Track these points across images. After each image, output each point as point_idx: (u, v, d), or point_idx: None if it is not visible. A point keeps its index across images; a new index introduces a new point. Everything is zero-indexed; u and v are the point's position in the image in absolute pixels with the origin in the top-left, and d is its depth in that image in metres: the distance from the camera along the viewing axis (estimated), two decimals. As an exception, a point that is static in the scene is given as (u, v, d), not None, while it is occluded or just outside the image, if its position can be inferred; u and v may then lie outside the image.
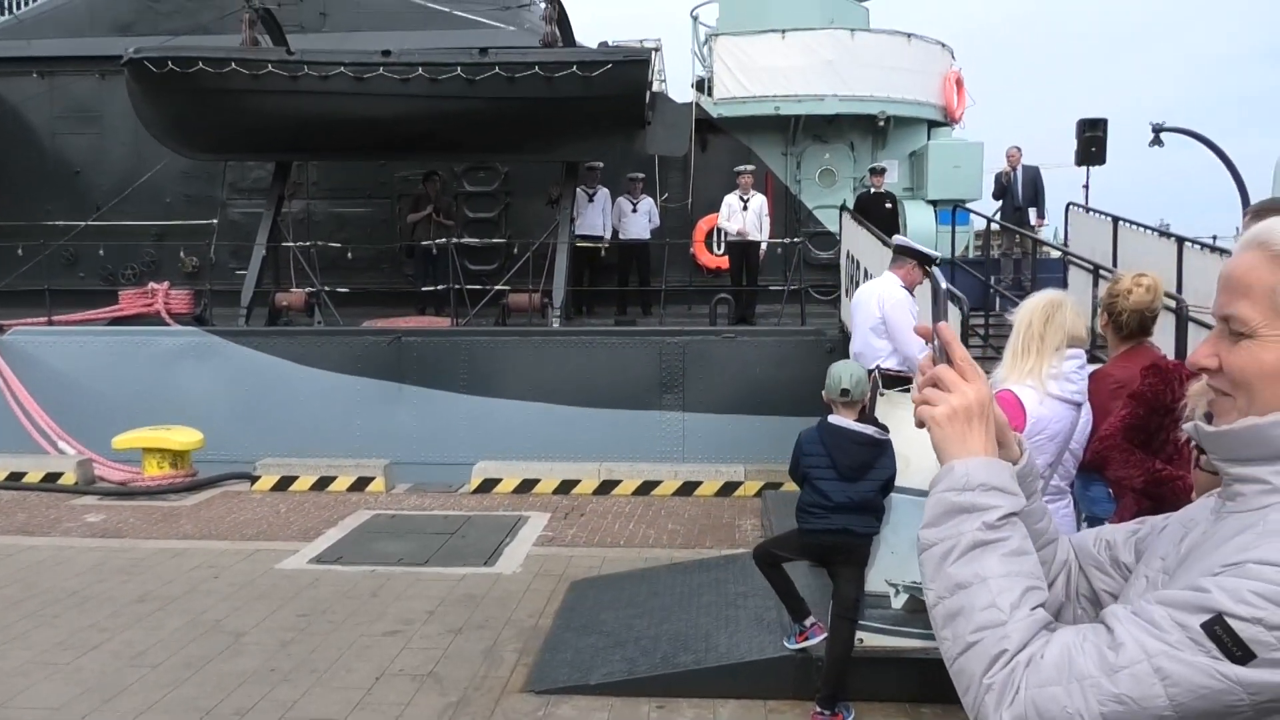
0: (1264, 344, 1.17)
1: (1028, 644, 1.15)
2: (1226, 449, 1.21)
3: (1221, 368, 1.22)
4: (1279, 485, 1.15)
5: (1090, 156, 16.27)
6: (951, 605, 1.22)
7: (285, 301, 13.93)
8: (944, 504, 1.28)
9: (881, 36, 15.33)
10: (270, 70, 12.53)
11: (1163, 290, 4.17)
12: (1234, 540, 1.13)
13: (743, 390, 12.32)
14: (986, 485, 1.27)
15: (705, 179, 14.87)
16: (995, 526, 1.25)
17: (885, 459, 4.81)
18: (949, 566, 1.24)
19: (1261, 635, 1.02)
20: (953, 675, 1.22)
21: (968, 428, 1.31)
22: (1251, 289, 1.17)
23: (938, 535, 1.27)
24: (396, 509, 9.82)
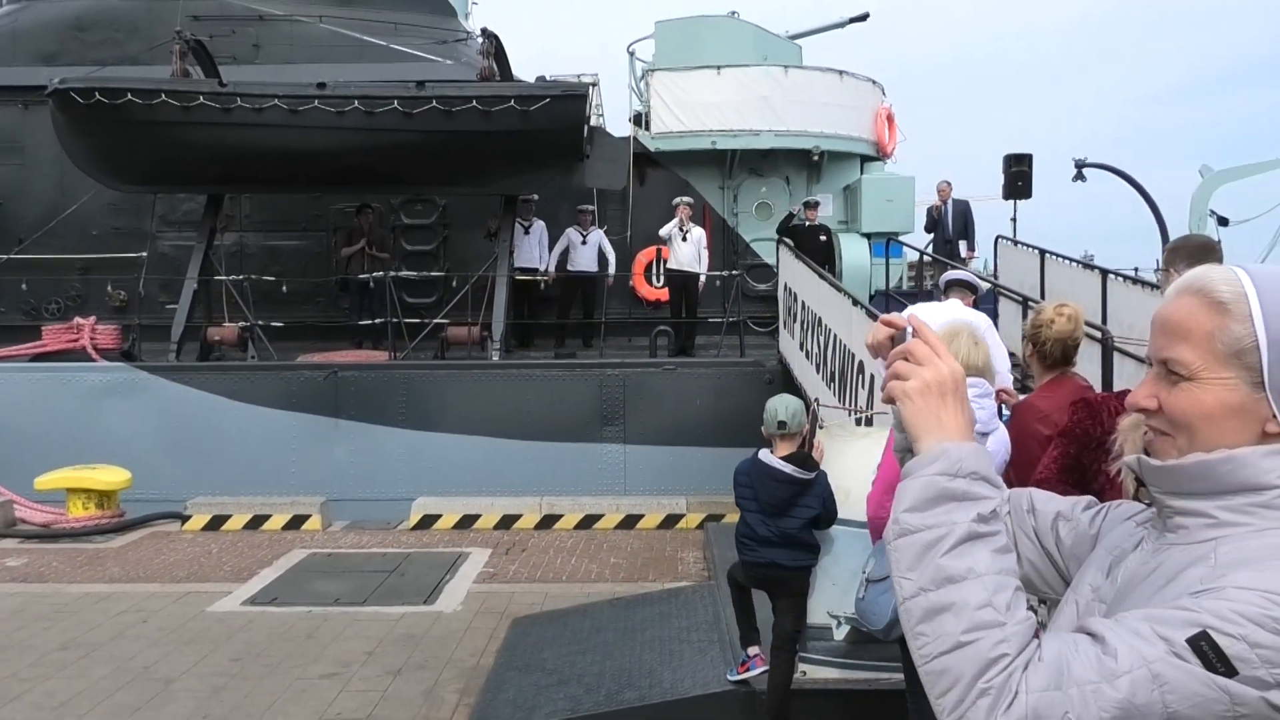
0: (1204, 386, 1.20)
1: (1025, 649, 1.13)
2: (1172, 483, 1.24)
3: (1161, 409, 1.25)
4: (1224, 520, 1.18)
5: (1017, 190, 16.74)
6: (937, 600, 1.16)
7: (217, 336, 13.65)
8: (935, 488, 1.22)
9: (814, 74, 15.66)
10: (202, 102, 12.36)
11: (1083, 319, 4.28)
12: (1189, 572, 1.16)
13: (683, 422, 12.37)
14: (978, 475, 1.23)
15: (644, 212, 14.97)
16: (988, 519, 1.21)
17: (809, 497, 4.84)
18: (939, 557, 1.18)
19: (1245, 652, 1.04)
20: (927, 673, 1.15)
21: (942, 404, 1.28)
22: (1191, 334, 1.21)
23: (924, 521, 1.20)
24: (333, 547, 9.63)
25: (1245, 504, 1.17)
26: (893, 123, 16.36)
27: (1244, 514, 1.17)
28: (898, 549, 1.22)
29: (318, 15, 15.20)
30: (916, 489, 1.23)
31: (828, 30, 17.88)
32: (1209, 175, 24.15)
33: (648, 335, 13.88)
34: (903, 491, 1.25)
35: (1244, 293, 1.19)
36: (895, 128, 16.43)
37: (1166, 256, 4.21)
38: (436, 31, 15.56)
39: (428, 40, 15.20)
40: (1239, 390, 1.19)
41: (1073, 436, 3.50)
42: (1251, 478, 1.17)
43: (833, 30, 17.91)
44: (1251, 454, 1.18)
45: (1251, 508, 1.17)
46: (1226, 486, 1.19)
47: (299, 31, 15.22)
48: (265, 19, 15.29)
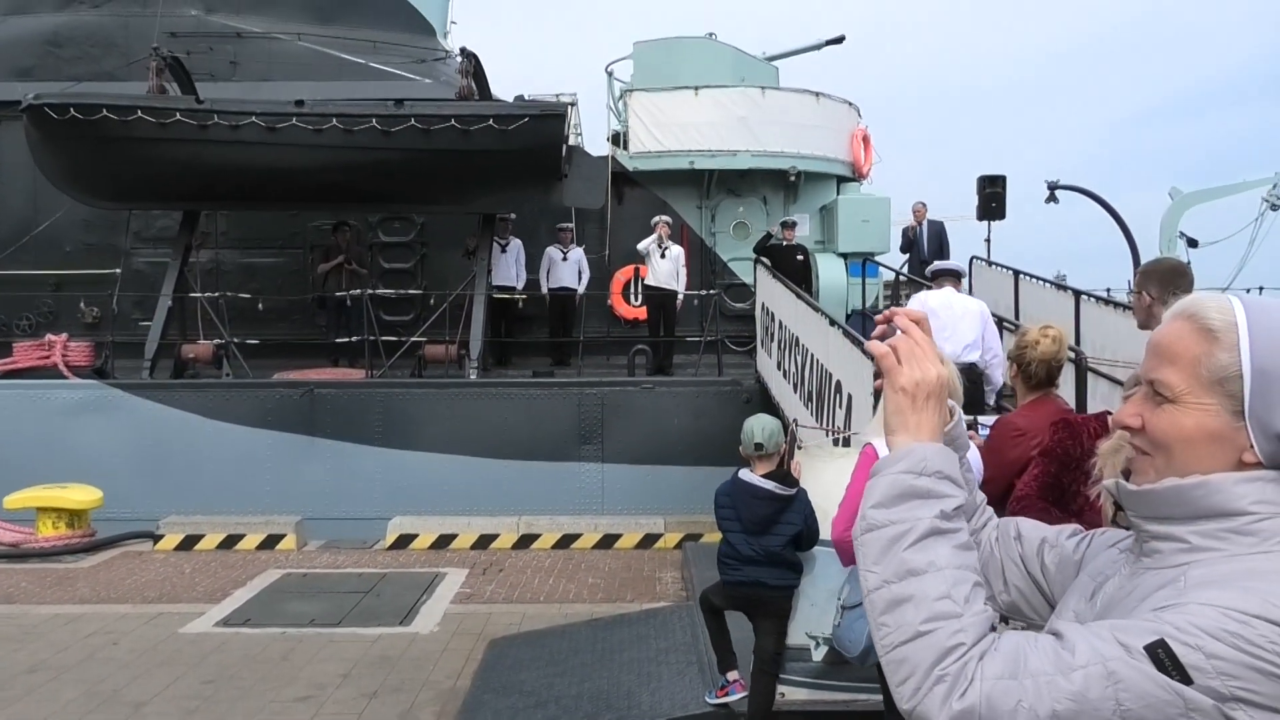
0: (1185, 410, 1.23)
1: (981, 640, 1.16)
2: (1147, 507, 1.26)
3: (1144, 428, 1.27)
4: (1197, 544, 1.20)
5: (991, 211, 16.93)
6: (899, 591, 1.20)
7: (192, 353, 13.54)
8: (900, 486, 1.26)
9: (791, 95, 15.79)
10: (178, 119, 12.29)
11: (1067, 341, 4.34)
12: (1157, 594, 1.19)
13: (661, 441, 12.37)
14: (943, 474, 1.28)
15: (622, 231, 15.01)
16: (950, 517, 1.25)
17: (791, 514, 4.86)
18: (901, 551, 1.22)
19: (1201, 662, 1.07)
20: (888, 662, 1.19)
21: (925, 404, 1.33)
22: (1178, 357, 1.24)
23: (889, 517, 1.25)
24: (308, 567, 9.55)
25: (1218, 529, 1.19)
26: (868, 144, 16.52)
27: (1216, 539, 1.19)
28: (864, 543, 1.26)
29: (296, 33, 15.18)
30: (884, 486, 1.28)
31: (804, 52, 18.04)
32: (1178, 197, 24.53)
33: (626, 354, 13.89)
34: (871, 488, 1.30)
35: (1234, 322, 1.21)
36: (871, 149, 16.59)
37: (1138, 279, 4.27)
38: (415, 50, 15.58)
39: (406, 59, 15.22)
40: (1219, 417, 1.21)
41: (1053, 456, 3.54)
42: (1224, 503, 1.19)
43: (809, 52, 18.07)
44: (1225, 479, 1.20)
45: (1223, 533, 1.19)
46: (1199, 511, 1.20)
47: (277, 49, 15.19)
48: (243, 36, 15.26)
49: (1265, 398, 1.18)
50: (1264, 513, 1.18)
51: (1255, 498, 1.18)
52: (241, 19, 15.43)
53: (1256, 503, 1.18)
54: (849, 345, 8.24)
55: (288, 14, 15.49)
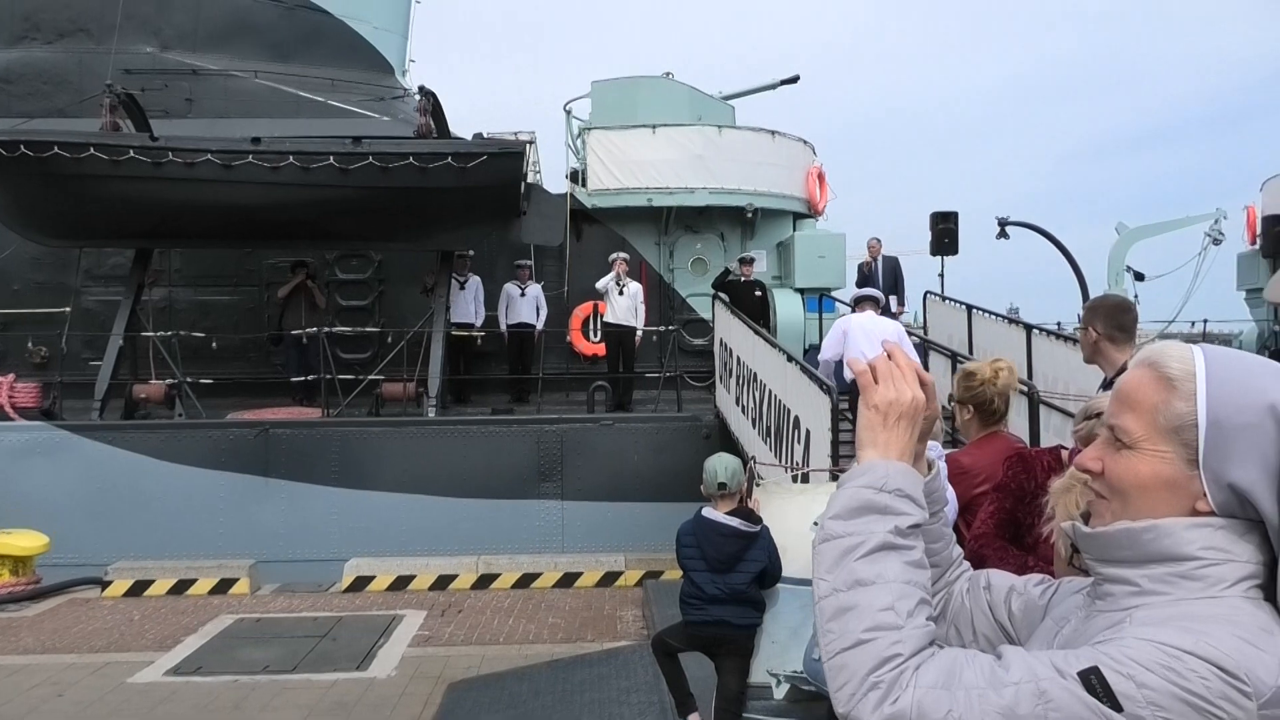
0: (1141, 456, 1.25)
1: (919, 652, 1.18)
2: (1100, 550, 1.28)
3: (1103, 472, 1.29)
4: (1146, 587, 1.22)
5: (943, 247, 17.21)
6: (846, 600, 1.23)
7: (143, 393, 13.30)
8: (859, 499, 1.29)
9: (747, 133, 16.01)
10: (132, 156, 12.16)
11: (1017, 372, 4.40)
12: (1104, 633, 1.21)
13: (621, 477, 12.33)
14: (902, 492, 1.30)
15: (581, 268, 15.06)
16: (905, 534, 1.28)
17: (755, 550, 4.87)
18: (852, 561, 1.25)
19: (1132, 691, 1.09)
20: (829, 668, 1.22)
21: (896, 424, 1.35)
22: (1138, 404, 1.26)
23: (846, 529, 1.28)
24: (262, 612, 9.37)
25: (1166, 573, 1.21)
26: (823, 181, 16.77)
27: (1164, 583, 1.21)
28: (820, 552, 1.29)
29: (253, 70, 15.13)
30: (844, 499, 1.31)
31: (760, 91, 18.34)
32: (1125, 232, 25.09)
33: (585, 390, 13.87)
34: (832, 500, 1.33)
35: (1193, 372, 1.23)
36: (826, 186, 16.84)
37: (1085, 315, 4.35)
38: (373, 88, 15.59)
39: (365, 97, 15.22)
40: (1173, 465, 1.23)
41: (1008, 491, 3.55)
42: (1172, 547, 1.21)
43: (764, 92, 18.36)
44: (1175, 524, 1.22)
45: (1171, 577, 1.21)
46: (1149, 555, 1.22)
47: (234, 86, 15.13)
48: (199, 73, 15.19)
49: (1219, 448, 1.20)
50: (1211, 559, 1.20)
51: (1203, 543, 1.20)
52: (198, 56, 15.37)
53: (1204, 548, 1.20)
54: (806, 381, 8.31)
55: (245, 51, 15.45)
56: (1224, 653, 1.10)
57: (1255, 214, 21.93)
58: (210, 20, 15.55)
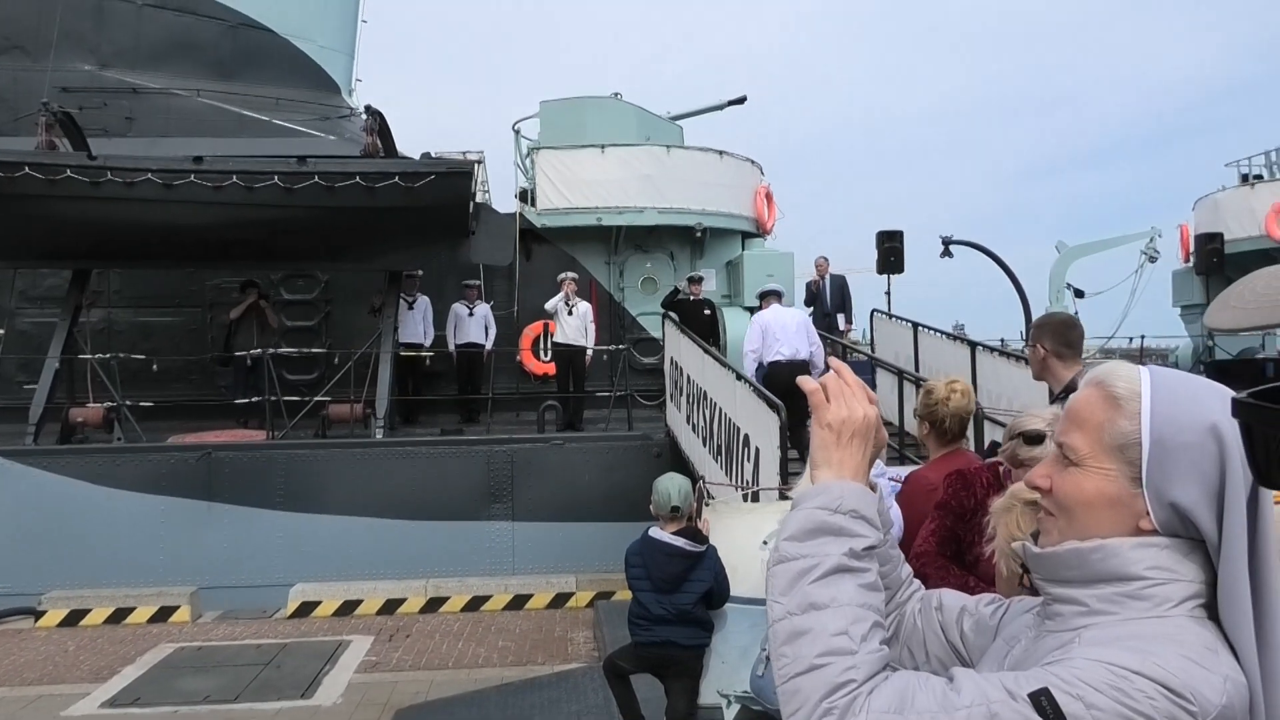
0: (1088, 474, 1.26)
1: (872, 678, 1.18)
2: (1049, 570, 1.29)
3: (1052, 489, 1.31)
4: (1094, 607, 1.23)
5: (890, 265, 17.44)
6: (800, 624, 1.22)
7: (80, 418, 12.96)
8: (814, 521, 1.28)
9: (695, 153, 16.12)
10: (68, 175, 11.89)
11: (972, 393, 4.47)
12: (1053, 653, 1.21)
13: (572, 497, 12.27)
14: (857, 513, 1.29)
15: (531, 287, 15.02)
16: (859, 556, 1.26)
17: (701, 571, 4.86)
18: (807, 584, 1.24)
19: (1080, 711, 1.09)
20: (783, 693, 1.20)
21: (850, 442, 1.34)
22: (1085, 423, 1.28)
23: (800, 551, 1.26)
24: (204, 640, 9.15)
25: (1114, 593, 1.22)
26: (771, 200, 16.93)
27: (1112, 603, 1.22)
28: (774, 574, 1.27)
29: (195, 89, 14.92)
30: (798, 520, 1.29)
31: (707, 112, 18.49)
32: (1065, 250, 25.70)
33: (535, 410, 13.80)
34: (786, 521, 1.31)
35: (1139, 391, 1.25)
36: (774, 205, 17.00)
37: (1033, 333, 4.44)
38: (319, 108, 15.46)
39: (310, 116, 15.08)
40: (1117, 483, 1.24)
41: (948, 509, 3.58)
42: (1119, 567, 1.22)
43: (712, 112, 18.52)
44: (1121, 544, 1.23)
45: (1119, 597, 1.22)
46: (1097, 575, 1.23)
47: (175, 105, 14.90)
48: (140, 92, 14.94)
49: (1161, 466, 1.21)
50: (1157, 578, 1.21)
51: (1149, 563, 1.21)
52: (138, 74, 15.12)
53: (1150, 568, 1.21)
54: (756, 399, 8.36)
55: (187, 70, 15.23)
56: (1170, 672, 1.11)
57: (1188, 232, 22.60)
58: (151, 38, 15.32)
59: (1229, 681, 1.13)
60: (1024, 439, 3.01)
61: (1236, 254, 20.38)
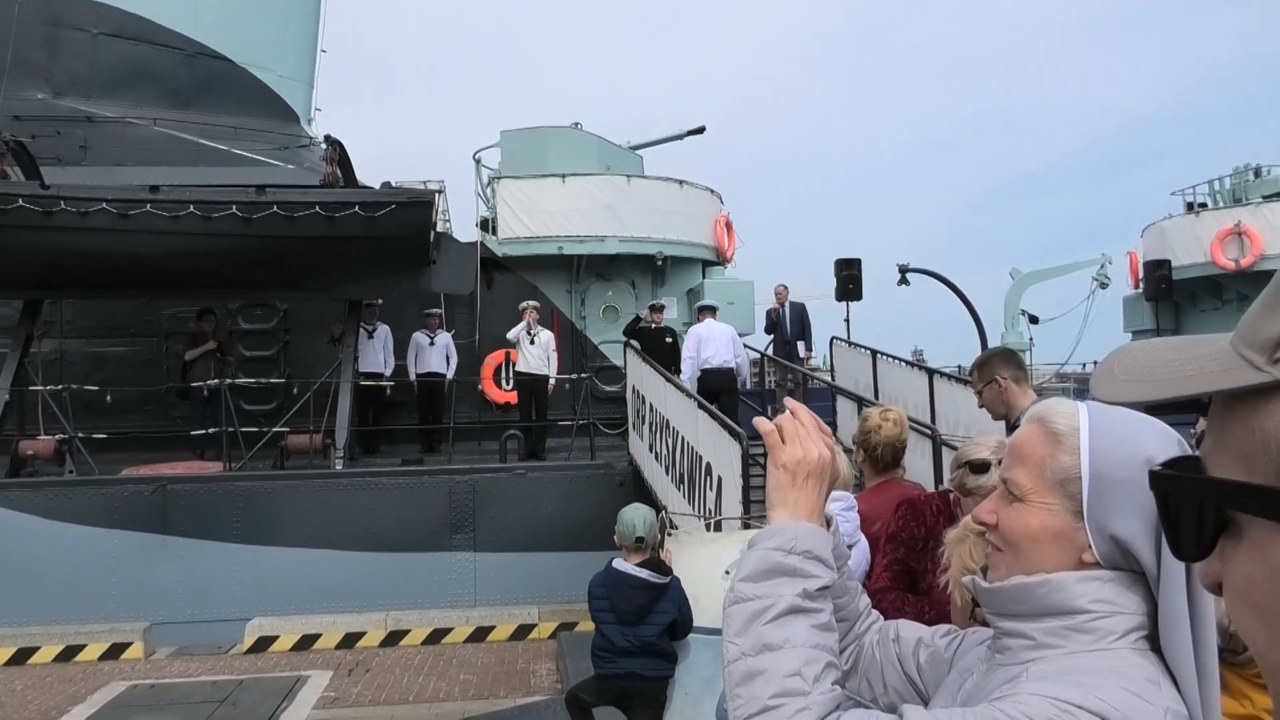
0: (1031, 509, 1.29)
1: (825, 718, 1.19)
2: (998, 604, 1.31)
3: (998, 524, 1.34)
4: (1041, 641, 1.25)
5: (848, 293, 17.62)
6: (754, 665, 1.23)
7: (31, 450, 12.68)
8: (769, 562, 1.30)
9: (655, 183, 16.26)
10: (20, 205, 11.72)
11: (908, 422, 4.53)
12: (1001, 688, 1.24)
13: (535, 527, 12.21)
14: (811, 553, 1.31)
15: (492, 316, 15.00)
16: (813, 596, 1.28)
17: (665, 602, 4.87)
18: (761, 625, 1.26)
19: None
20: None
21: (805, 483, 1.36)
22: (1028, 458, 1.31)
23: (755, 591, 1.28)
24: (157, 677, 8.97)
25: (1059, 627, 1.25)
26: (731, 229, 17.10)
27: (1058, 637, 1.24)
28: (730, 615, 1.30)
29: (152, 118, 14.79)
30: (753, 561, 1.32)
31: (667, 142, 18.67)
32: (1019, 277, 26.13)
33: (497, 439, 13.75)
34: (742, 561, 1.33)
35: (1078, 427, 1.28)
36: (734, 234, 17.17)
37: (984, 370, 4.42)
38: (278, 137, 15.38)
39: (269, 145, 14.99)
40: (1060, 517, 1.27)
41: (900, 540, 3.58)
42: (1064, 601, 1.24)
43: (672, 142, 18.70)
44: (1066, 578, 1.25)
45: (1065, 630, 1.24)
46: (1043, 609, 1.26)
47: (131, 134, 14.75)
48: (95, 120, 14.77)
49: (1101, 500, 1.24)
50: (1101, 611, 1.23)
51: (1093, 596, 1.24)
52: (92, 103, 14.95)
53: (1094, 601, 1.24)
54: (717, 428, 8.40)
55: (143, 98, 15.09)
56: (1112, 706, 1.13)
57: (1137, 259, 23.11)
58: (106, 66, 15.18)
59: (1169, 714, 1.16)
60: (970, 468, 3.05)
61: (1184, 280, 20.89)
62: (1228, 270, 20.34)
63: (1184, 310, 22.08)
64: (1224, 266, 20.35)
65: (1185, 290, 21.39)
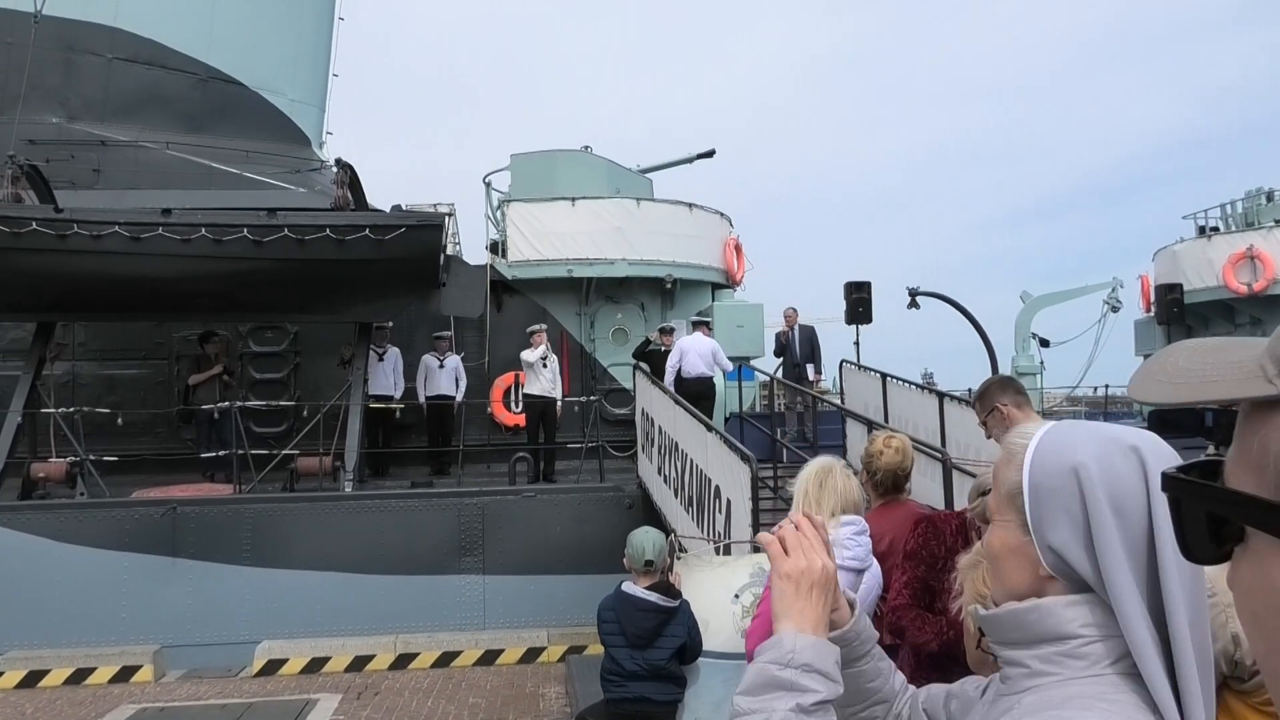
0: (996, 527, 1.31)
1: None
2: (996, 632, 1.30)
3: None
4: (1036, 669, 1.23)
5: (858, 316, 17.61)
6: None
7: (42, 472, 12.73)
8: (765, 675, 1.32)
9: (665, 206, 16.31)
10: (34, 228, 11.83)
11: (911, 449, 4.54)
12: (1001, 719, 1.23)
13: (544, 550, 12.17)
14: (810, 667, 1.32)
15: (501, 339, 15.03)
16: (808, 711, 1.29)
17: (675, 626, 4.85)
18: None
19: None
20: None
21: (809, 593, 1.38)
22: (996, 480, 1.34)
23: (750, 705, 1.30)
24: (166, 700, 8.96)
25: (1052, 653, 1.22)
26: (740, 252, 17.13)
27: (1052, 664, 1.22)
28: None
29: (164, 141, 14.92)
30: (752, 674, 1.35)
31: (677, 165, 18.74)
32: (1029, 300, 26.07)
33: (506, 462, 13.74)
34: (745, 674, 1.36)
35: (1027, 444, 1.29)
36: (743, 257, 17.20)
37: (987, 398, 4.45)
38: (289, 160, 15.50)
39: (281, 169, 15.11)
40: (1014, 532, 1.28)
41: (919, 558, 3.61)
42: (1055, 627, 1.22)
43: (681, 165, 18.78)
44: (1055, 603, 1.23)
45: (1058, 657, 1.22)
46: (1036, 635, 1.24)
47: (144, 157, 14.89)
48: (108, 144, 14.92)
49: (1038, 511, 1.24)
50: (1091, 635, 1.21)
51: (1083, 620, 1.21)
52: (106, 127, 15.12)
53: (1084, 626, 1.21)
54: (727, 451, 8.39)
55: (156, 122, 15.25)
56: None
57: (1149, 283, 23.06)
58: (120, 91, 15.35)
59: None
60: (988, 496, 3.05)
61: (1196, 304, 20.83)
62: (1240, 294, 20.27)
63: (1196, 334, 21.99)
64: (1236, 290, 20.28)
65: (1197, 314, 21.31)
